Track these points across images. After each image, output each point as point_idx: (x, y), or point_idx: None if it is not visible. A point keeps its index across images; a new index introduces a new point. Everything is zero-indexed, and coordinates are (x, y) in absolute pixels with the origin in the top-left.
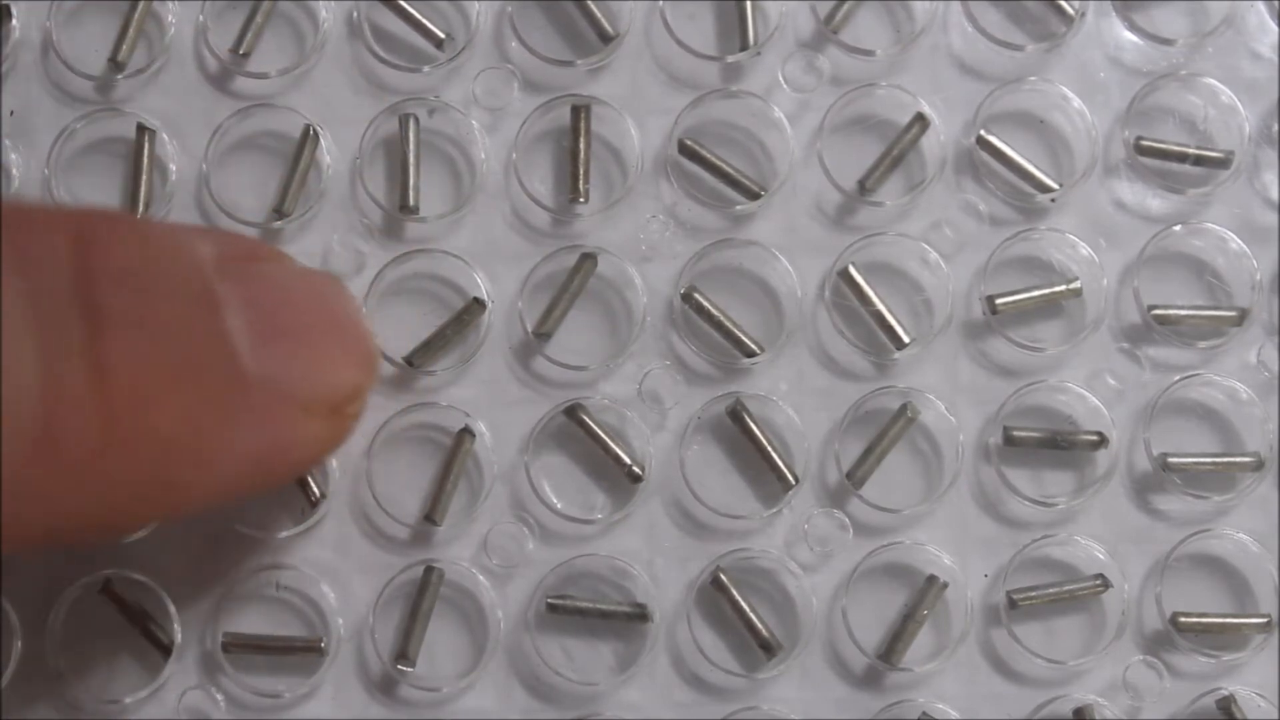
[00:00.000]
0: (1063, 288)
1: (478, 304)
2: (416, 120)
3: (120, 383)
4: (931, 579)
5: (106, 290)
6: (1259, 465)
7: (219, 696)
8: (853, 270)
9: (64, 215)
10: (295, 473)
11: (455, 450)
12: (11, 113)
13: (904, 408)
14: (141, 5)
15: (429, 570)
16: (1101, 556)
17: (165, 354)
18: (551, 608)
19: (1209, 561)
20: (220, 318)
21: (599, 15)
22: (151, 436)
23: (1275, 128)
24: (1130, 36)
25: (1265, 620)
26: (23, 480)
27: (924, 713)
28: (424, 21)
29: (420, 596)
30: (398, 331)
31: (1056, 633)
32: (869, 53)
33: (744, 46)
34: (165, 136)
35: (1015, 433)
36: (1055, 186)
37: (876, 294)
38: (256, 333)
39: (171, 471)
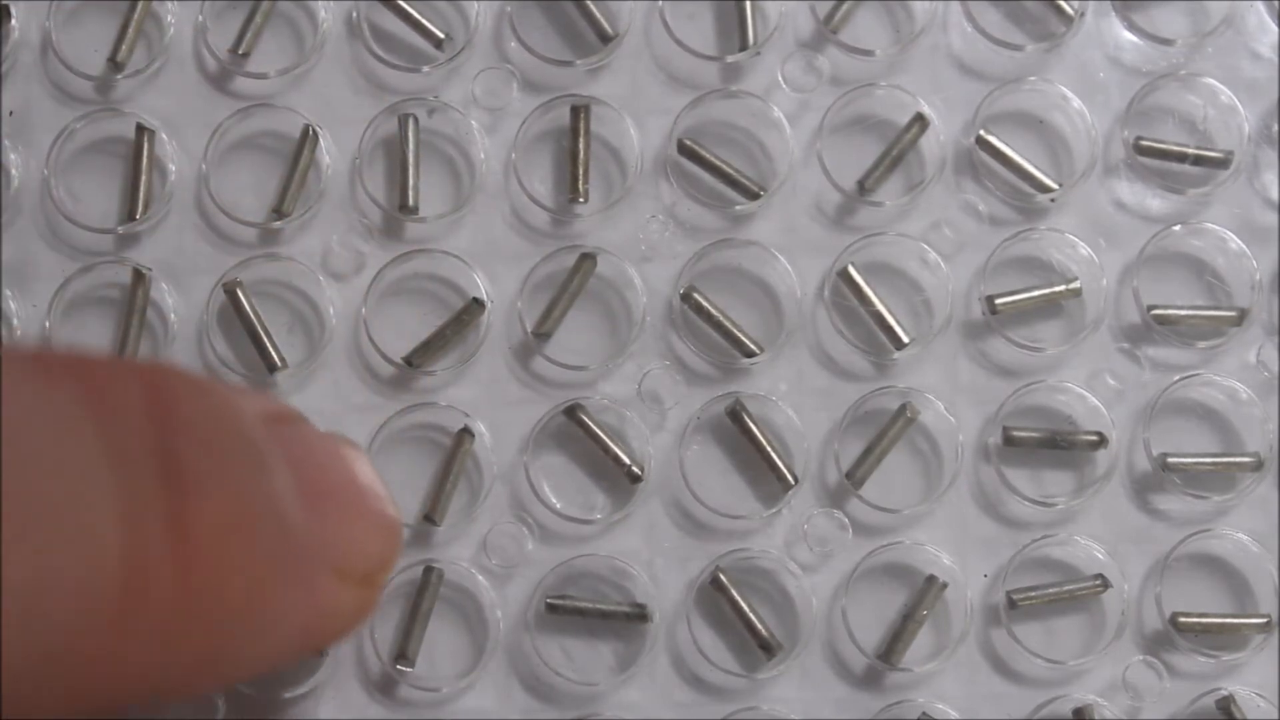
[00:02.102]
0: (1062, 288)
1: (477, 304)
2: (416, 120)
3: (199, 545)
4: (931, 579)
5: (183, 446)
6: (1259, 465)
7: (219, 697)
8: (852, 270)
9: (137, 368)
10: (329, 644)
11: (455, 450)
12: (11, 113)
13: (903, 408)
14: (141, 5)
15: (428, 570)
16: (1101, 556)
17: (235, 514)
18: (551, 608)
19: (1209, 561)
20: (271, 478)
21: (598, 15)
22: (224, 600)
23: (1275, 128)
24: (1130, 36)
25: (1265, 620)
26: (99, 647)
27: (924, 713)
28: (423, 21)
29: (420, 597)
30: (397, 331)
31: (1056, 633)
32: (868, 53)
33: (743, 46)
34: (164, 136)
35: (1015, 433)
36: (1055, 186)
37: (876, 294)
38: (301, 496)
39: (236, 637)
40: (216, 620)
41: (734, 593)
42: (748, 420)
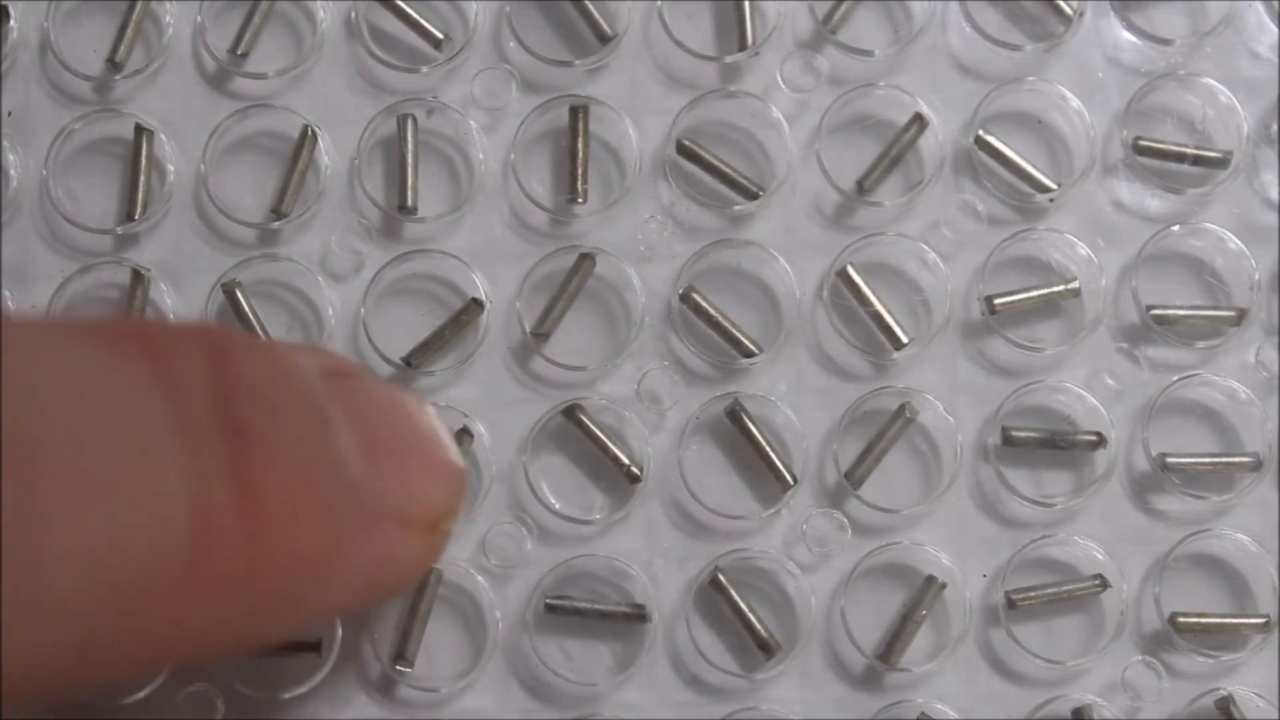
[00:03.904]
0: (1061, 288)
1: (476, 304)
2: (415, 120)
3: (264, 501)
4: (930, 579)
5: (245, 408)
6: (1258, 465)
7: (219, 697)
8: (851, 270)
9: (197, 332)
10: (395, 591)
11: None
12: (10, 113)
13: (902, 408)
14: (139, 6)
15: (428, 570)
16: (1100, 556)
17: (297, 471)
18: (550, 608)
19: (1208, 561)
20: (333, 433)
21: (597, 15)
22: (289, 554)
23: (1274, 128)
24: (1129, 36)
25: (1264, 620)
26: (171, 604)
27: (923, 713)
28: (422, 22)
29: (419, 597)
30: (396, 332)
31: (1055, 633)
32: (867, 53)
33: (742, 47)
34: (163, 137)
35: (1014, 433)
36: (1054, 186)
37: (875, 294)
38: (362, 449)
39: (302, 588)
40: (284, 573)
41: (733, 593)
42: (747, 420)
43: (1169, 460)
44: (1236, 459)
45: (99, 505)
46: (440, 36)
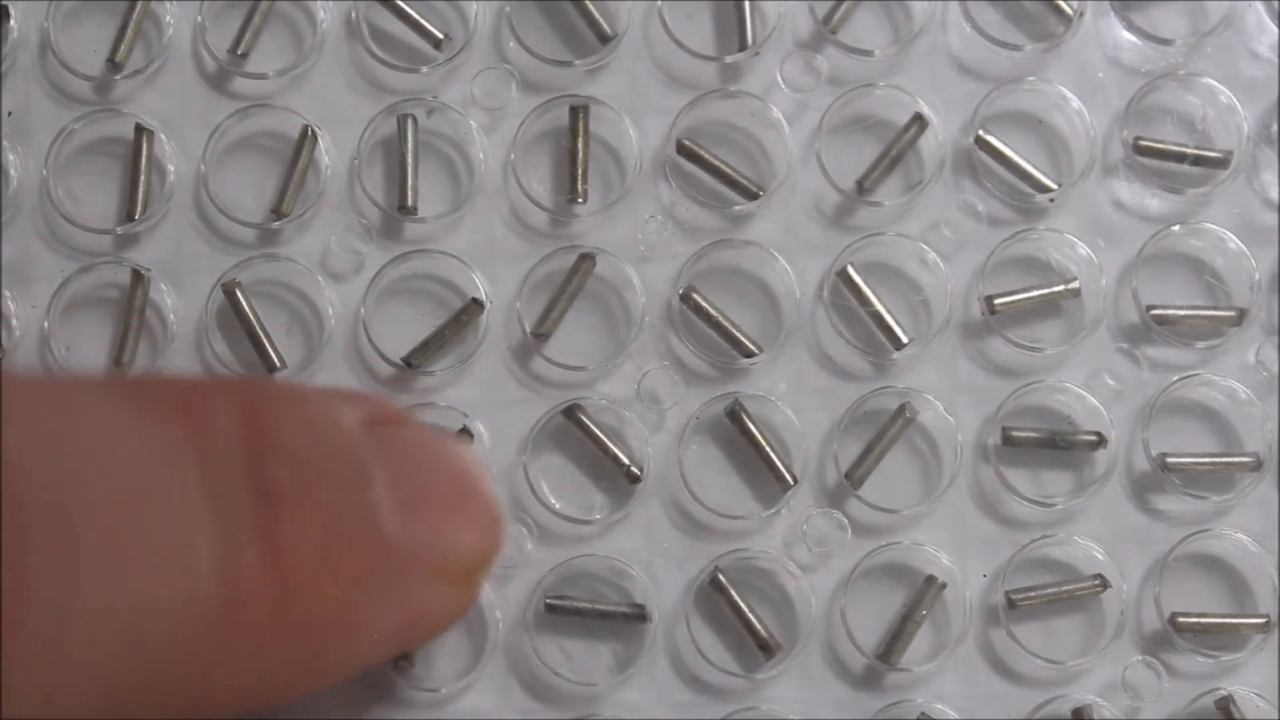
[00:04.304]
0: (1061, 288)
1: (476, 304)
2: (415, 120)
3: (294, 564)
4: (930, 579)
5: (277, 469)
6: (1258, 465)
7: None
8: (851, 270)
9: (233, 390)
10: (424, 641)
11: None
12: (10, 113)
13: (903, 408)
14: (140, 6)
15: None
16: (1100, 557)
17: (329, 532)
18: (550, 608)
19: (1208, 561)
20: (368, 491)
21: (597, 15)
22: (318, 618)
23: (1274, 128)
24: (1129, 36)
25: (1264, 620)
26: (197, 665)
27: (923, 713)
28: (422, 22)
29: None
30: (396, 332)
31: (1055, 633)
32: (867, 53)
33: (742, 47)
34: (163, 137)
35: (1014, 433)
36: (1054, 186)
37: (875, 294)
38: (398, 502)
39: (330, 649)
40: (312, 634)
41: (733, 593)
42: (747, 420)
43: (1169, 460)
44: (1236, 459)
45: (129, 568)
46: (440, 36)
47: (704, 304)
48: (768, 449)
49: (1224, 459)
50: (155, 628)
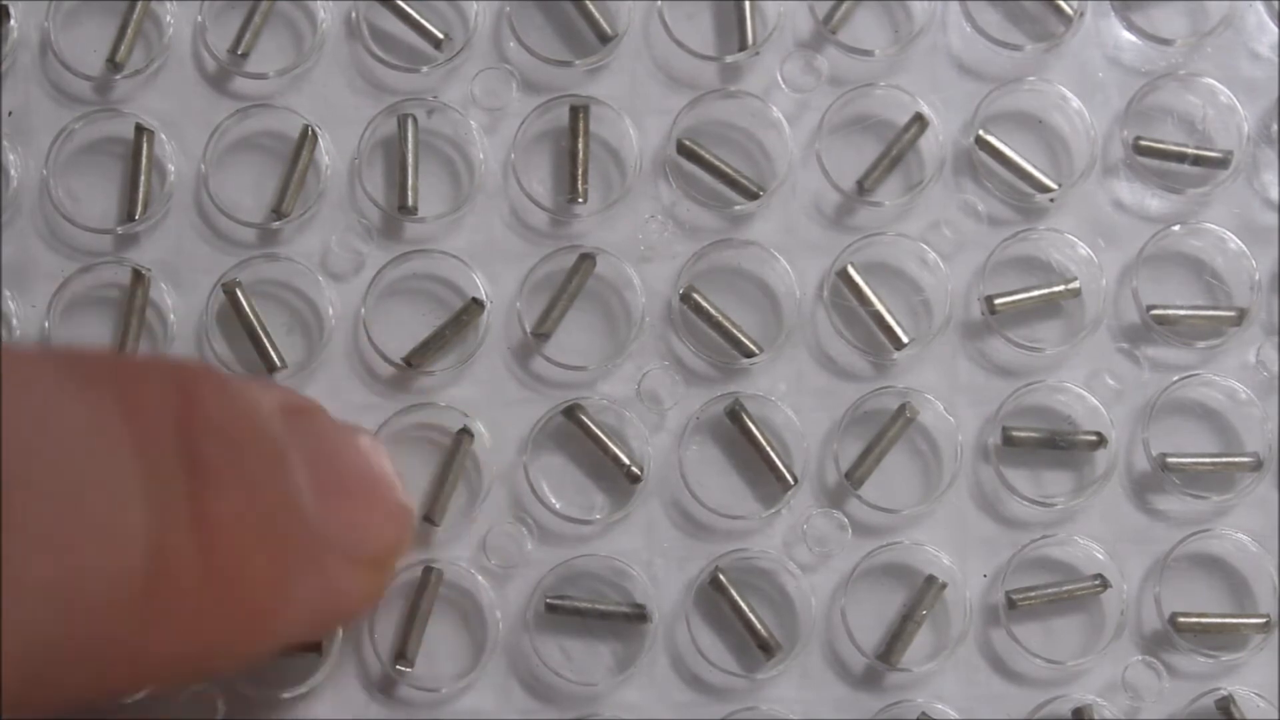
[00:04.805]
0: (1061, 288)
1: (476, 304)
2: (415, 120)
3: (221, 537)
4: (930, 579)
5: (207, 444)
6: (1258, 465)
7: (219, 697)
8: (851, 270)
9: (166, 367)
10: (339, 625)
11: (454, 451)
12: (10, 113)
13: (903, 408)
14: (140, 5)
15: (428, 570)
16: (1100, 556)
17: (254, 508)
18: (550, 608)
19: (1208, 561)
20: (289, 472)
21: (597, 15)
22: (243, 588)
23: (1274, 127)
24: (1129, 36)
25: (1264, 620)
26: (127, 634)
27: (923, 713)
28: (422, 22)
29: (419, 597)
30: (396, 332)
31: (1055, 633)
32: (867, 53)
33: (742, 47)
34: (164, 137)
35: (1014, 433)
36: (1054, 186)
37: (875, 294)
38: (316, 488)
39: (254, 621)
40: (235, 606)
41: (733, 593)
42: (747, 420)
43: (1169, 460)
44: (1236, 459)
45: (62, 537)
46: (440, 36)
47: (704, 304)
48: (768, 449)
49: (1224, 459)
50: (87, 597)
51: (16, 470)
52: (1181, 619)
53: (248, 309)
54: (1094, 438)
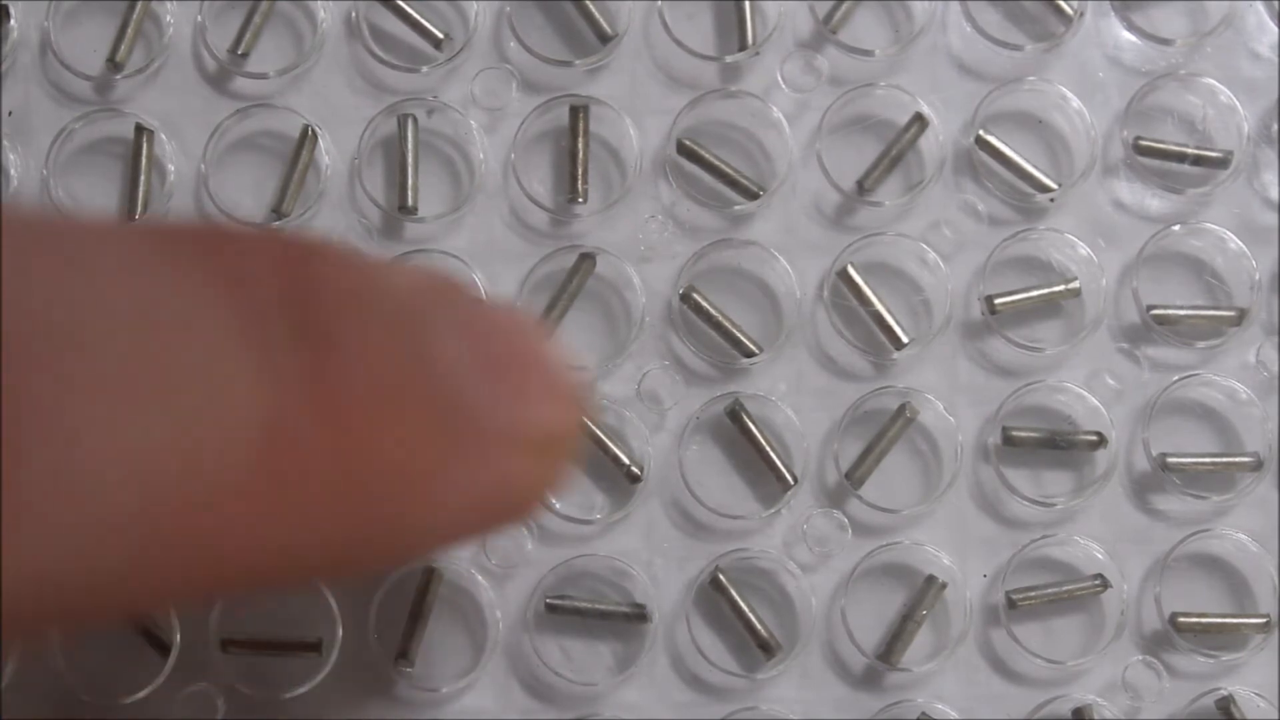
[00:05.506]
0: (1061, 288)
1: None
2: (415, 120)
3: (350, 410)
4: (930, 579)
5: (327, 312)
6: (1258, 465)
7: (219, 696)
8: (851, 270)
9: (276, 239)
10: (512, 517)
11: None
12: (10, 113)
13: (903, 408)
14: (140, 5)
15: (428, 570)
16: (1100, 556)
17: (390, 381)
18: (550, 608)
19: (1208, 561)
20: (433, 341)
21: (597, 15)
22: (381, 469)
23: (1274, 128)
24: (1129, 36)
25: (1264, 620)
26: (240, 520)
27: (923, 713)
28: (422, 21)
29: (420, 597)
30: None
31: (1055, 633)
32: (868, 53)
33: (743, 46)
34: (164, 137)
35: (1014, 433)
36: (1054, 186)
37: (875, 294)
38: (470, 362)
39: (399, 508)
40: (375, 489)
41: (733, 593)
42: (747, 420)
43: (1169, 460)
44: (1237, 459)
45: (153, 402)
46: (440, 36)
47: (704, 304)
48: (768, 449)
49: (1224, 459)
50: (187, 474)
51: (99, 329)
52: (1181, 619)
53: None
54: (1094, 438)
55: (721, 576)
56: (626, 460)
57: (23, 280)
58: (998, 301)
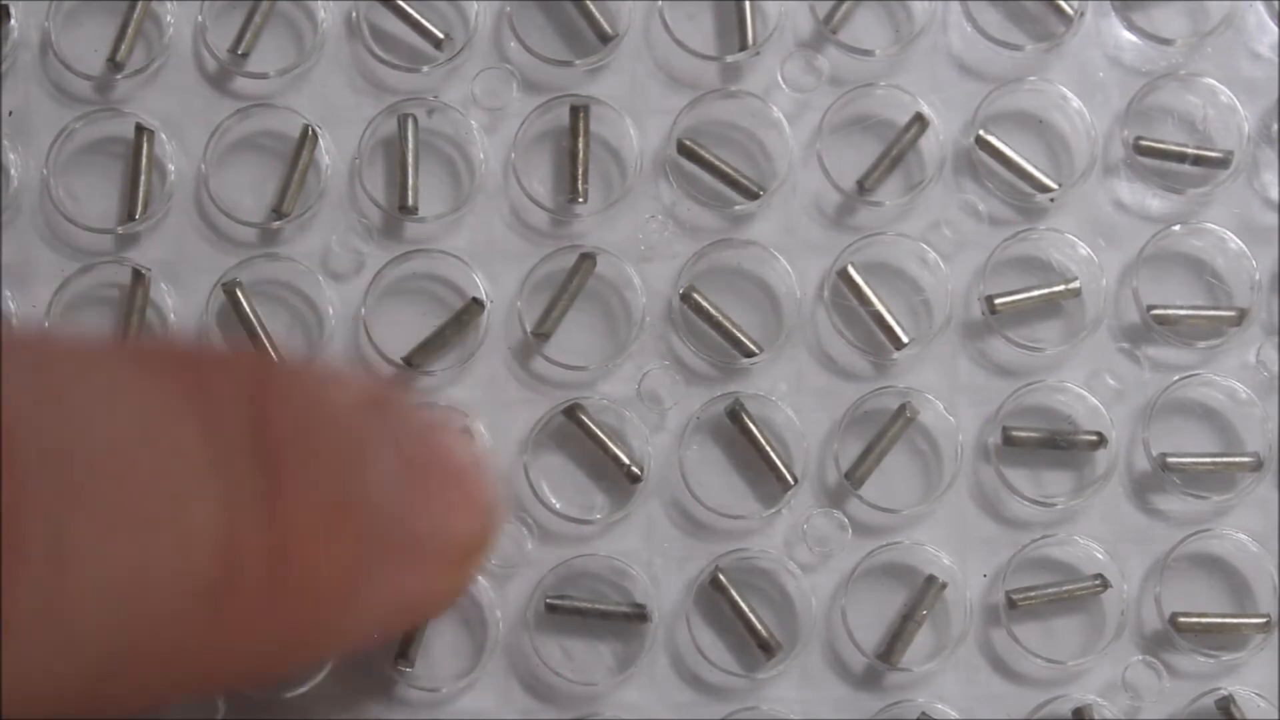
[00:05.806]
0: (1062, 288)
1: (476, 304)
2: (415, 120)
3: (292, 534)
4: (930, 579)
5: (280, 438)
6: (1258, 465)
7: (219, 696)
8: (852, 270)
9: (237, 359)
10: (420, 623)
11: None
12: (10, 113)
13: (903, 408)
14: (140, 5)
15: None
16: (1100, 556)
17: (327, 504)
18: (551, 608)
19: (1208, 561)
20: (367, 465)
21: (598, 15)
22: (317, 585)
23: (1274, 127)
24: (1129, 36)
25: (1264, 620)
26: (196, 634)
27: (923, 713)
28: (423, 21)
29: None
30: (396, 332)
31: (1056, 633)
32: (868, 53)
33: (743, 46)
34: (164, 137)
35: (1014, 433)
36: (1054, 186)
37: (875, 294)
38: (395, 481)
39: (328, 619)
40: (310, 604)
41: (733, 593)
42: (747, 420)
43: (1169, 460)
44: (1237, 459)
45: (128, 535)
46: (441, 36)
47: (704, 304)
48: (768, 449)
49: (1224, 459)
50: (153, 595)
51: (85, 460)
52: (1182, 619)
53: (248, 309)
54: (1094, 438)
55: (722, 576)
56: (626, 460)
57: (20, 408)
58: (998, 301)
